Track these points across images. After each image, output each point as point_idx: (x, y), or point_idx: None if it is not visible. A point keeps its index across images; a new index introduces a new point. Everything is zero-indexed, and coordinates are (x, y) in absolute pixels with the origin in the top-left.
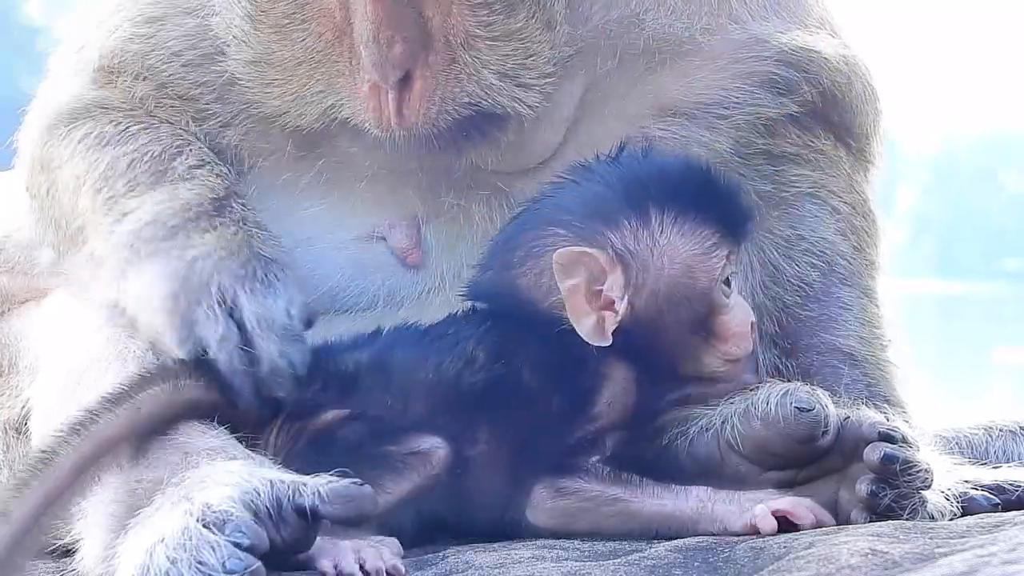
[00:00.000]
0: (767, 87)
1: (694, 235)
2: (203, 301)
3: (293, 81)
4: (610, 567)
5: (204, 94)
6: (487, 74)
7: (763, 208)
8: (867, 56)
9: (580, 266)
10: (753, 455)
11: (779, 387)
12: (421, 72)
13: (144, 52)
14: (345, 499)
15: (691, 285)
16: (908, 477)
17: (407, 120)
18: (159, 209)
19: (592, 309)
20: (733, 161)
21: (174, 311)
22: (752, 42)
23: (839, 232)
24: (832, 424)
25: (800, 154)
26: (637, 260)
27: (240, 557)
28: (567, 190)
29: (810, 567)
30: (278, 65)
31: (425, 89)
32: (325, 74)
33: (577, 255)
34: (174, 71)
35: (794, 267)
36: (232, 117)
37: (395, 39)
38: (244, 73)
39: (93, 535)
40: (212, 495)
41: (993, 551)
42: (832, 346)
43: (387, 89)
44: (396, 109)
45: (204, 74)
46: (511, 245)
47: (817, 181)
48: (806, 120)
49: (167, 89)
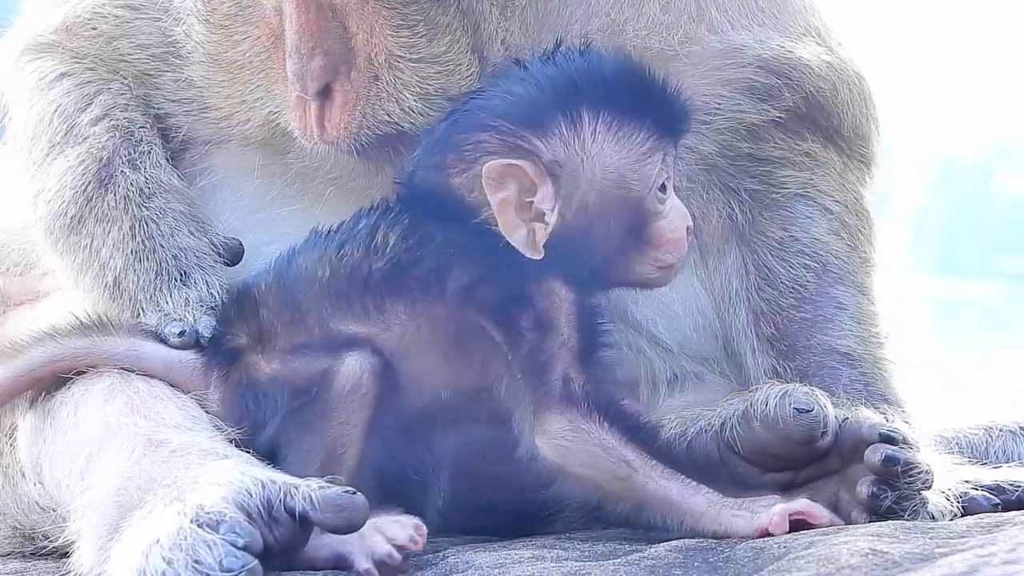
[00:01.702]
0: (747, 94)
1: (627, 141)
2: (132, 310)
3: (237, 84)
4: (610, 567)
5: (167, 83)
6: (407, 96)
7: (754, 209)
8: (863, 57)
9: (510, 178)
10: (752, 456)
11: (778, 388)
12: (342, 86)
13: (113, 36)
14: (336, 508)
15: (624, 194)
16: (909, 478)
17: (328, 133)
18: (61, 190)
19: (523, 221)
20: (720, 163)
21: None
22: (731, 51)
23: (832, 231)
24: (831, 425)
25: (787, 157)
26: (567, 170)
27: (237, 556)
28: (499, 92)
29: (810, 567)
30: (225, 67)
31: (345, 103)
32: (264, 79)
33: (506, 167)
34: (140, 57)
35: (788, 269)
36: (193, 112)
37: (316, 51)
38: (198, 73)
39: (87, 537)
40: (205, 496)
41: (993, 551)
42: (829, 346)
43: (308, 100)
44: (317, 121)
45: (170, 66)
46: (440, 149)
47: (807, 181)
48: (791, 124)
49: (127, 63)
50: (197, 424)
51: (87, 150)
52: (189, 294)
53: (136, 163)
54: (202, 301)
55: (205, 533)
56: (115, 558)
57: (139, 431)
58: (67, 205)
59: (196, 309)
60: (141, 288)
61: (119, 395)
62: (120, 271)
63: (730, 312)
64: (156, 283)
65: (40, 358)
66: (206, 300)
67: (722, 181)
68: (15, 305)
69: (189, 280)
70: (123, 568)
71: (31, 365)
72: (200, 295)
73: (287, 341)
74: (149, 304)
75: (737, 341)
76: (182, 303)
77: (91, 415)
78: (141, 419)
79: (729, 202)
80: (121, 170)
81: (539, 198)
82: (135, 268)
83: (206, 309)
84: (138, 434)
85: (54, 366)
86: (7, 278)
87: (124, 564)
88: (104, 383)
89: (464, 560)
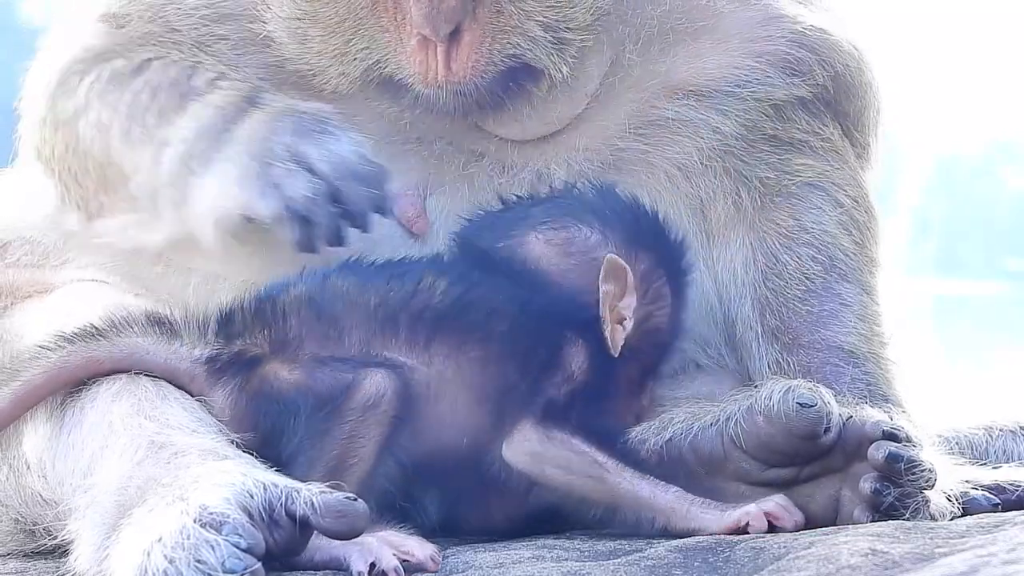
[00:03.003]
0: (779, 67)
1: (664, 289)
2: (276, 165)
3: (335, 38)
4: (610, 567)
5: (220, 48)
6: (532, 25)
7: (765, 196)
8: (870, 51)
9: (619, 277)
10: (756, 451)
11: (782, 383)
12: (469, 25)
13: (160, 4)
14: (337, 514)
15: (654, 328)
16: (912, 476)
17: (455, 74)
18: (197, 126)
19: (611, 319)
20: (739, 146)
21: (253, 185)
22: (766, 20)
23: (841, 225)
24: (834, 421)
25: (807, 141)
26: (647, 290)
27: (239, 557)
28: (604, 200)
29: (810, 567)
30: (321, 22)
31: (473, 42)
32: (369, 30)
33: (622, 267)
34: (191, 23)
35: (795, 259)
36: (251, 75)
37: None
38: (283, 30)
39: (86, 535)
40: (207, 496)
41: (993, 551)
42: (833, 343)
43: (437, 43)
44: (444, 63)
45: (221, 29)
46: (545, 218)
47: (822, 172)
48: (815, 106)
49: (180, 34)
50: (202, 426)
51: (220, 98)
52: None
53: (268, 101)
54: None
55: (208, 533)
56: (115, 555)
57: (143, 432)
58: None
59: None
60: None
61: (126, 396)
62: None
63: (735, 301)
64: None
65: (42, 373)
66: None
67: (734, 167)
68: (23, 298)
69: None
70: (124, 565)
71: (40, 379)
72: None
73: (315, 352)
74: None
75: (742, 331)
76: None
77: (97, 415)
78: (146, 420)
79: (737, 189)
80: (265, 94)
81: (625, 304)
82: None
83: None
84: (142, 435)
85: (63, 377)
86: (16, 270)
87: (125, 561)
88: (113, 383)
89: (464, 560)
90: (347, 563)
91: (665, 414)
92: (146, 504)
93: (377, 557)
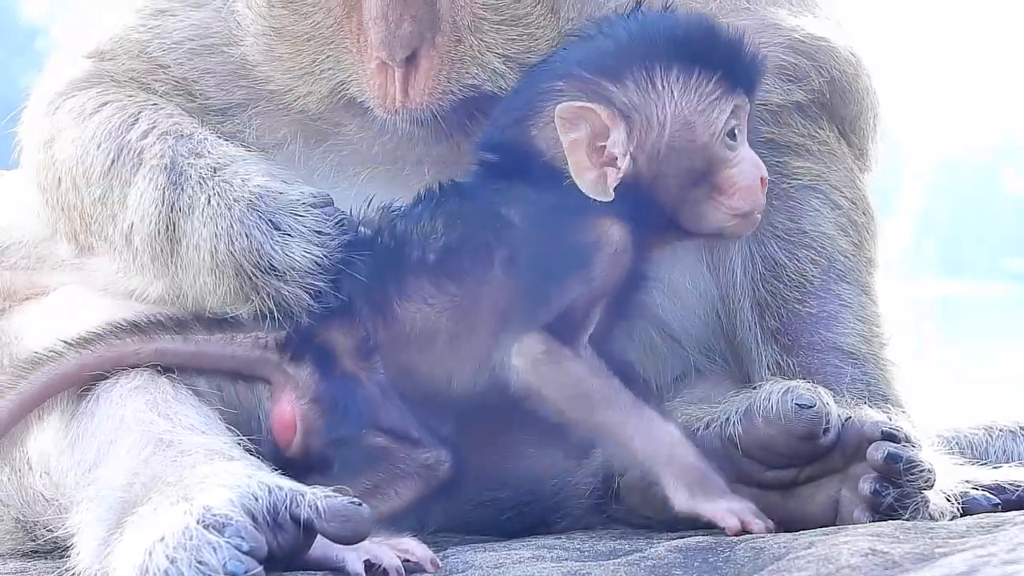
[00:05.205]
0: (776, 74)
1: (695, 88)
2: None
3: (302, 56)
4: (610, 567)
5: (206, 82)
6: (491, 57)
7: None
8: (870, 56)
9: (583, 121)
10: (755, 453)
11: (780, 384)
12: (427, 52)
13: (145, 41)
14: (342, 518)
15: (692, 141)
16: (911, 476)
17: (412, 100)
18: (144, 216)
19: (594, 164)
20: None
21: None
22: (763, 27)
23: (839, 227)
24: (833, 422)
25: (804, 144)
26: (640, 115)
27: (241, 560)
28: (576, 45)
29: (810, 567)
30: (289, 39)
31: (431, 69)
32: (334, 51)
33: (579, 110)
34: (176, 57)
35: (794, 261)
36: (235, 106)
37: (404, 17)
38: (255, 48)
39: (88, 532)
40: (212, 497)
41: (993, 551)
42: (832, 344)
43: (394, 68)
44: (402, 88)
45: (207, 63)
46: (518, 99)
47: (820, 174)
48: (812, 111)
49: (165, 71)
50: (211, 427)
51: (150, 165)
52: (307, 222)
53: (198, 152)
54: (327, 220)
55: (210, 535)
56: (117, 553)
57: (153, 429)
58: (157, 225)
59: (329, 227)
60: (263, 243)
61: (142, 392)
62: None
63: (735, 302)
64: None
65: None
66: (332, 218)
67: None
68: (21, 300)
69: (300, 212)
70: (125, 564)
71: (88, 360)
72: (317, 220)
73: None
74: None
75: (741, 333)
76: (315, 224)
77: (110, 409)
78: (158, 417)
79: None
80: (188, 161)
81: (611, 142)
82: (248, 232)
83: (337, 225)
84: (151, 432)
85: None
86: (14, 273)
87: (126, 560)
88: (133, 378)
89: (464, 560)
90: (343, 563)
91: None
92: (151, 502)
93: (378, 557)
